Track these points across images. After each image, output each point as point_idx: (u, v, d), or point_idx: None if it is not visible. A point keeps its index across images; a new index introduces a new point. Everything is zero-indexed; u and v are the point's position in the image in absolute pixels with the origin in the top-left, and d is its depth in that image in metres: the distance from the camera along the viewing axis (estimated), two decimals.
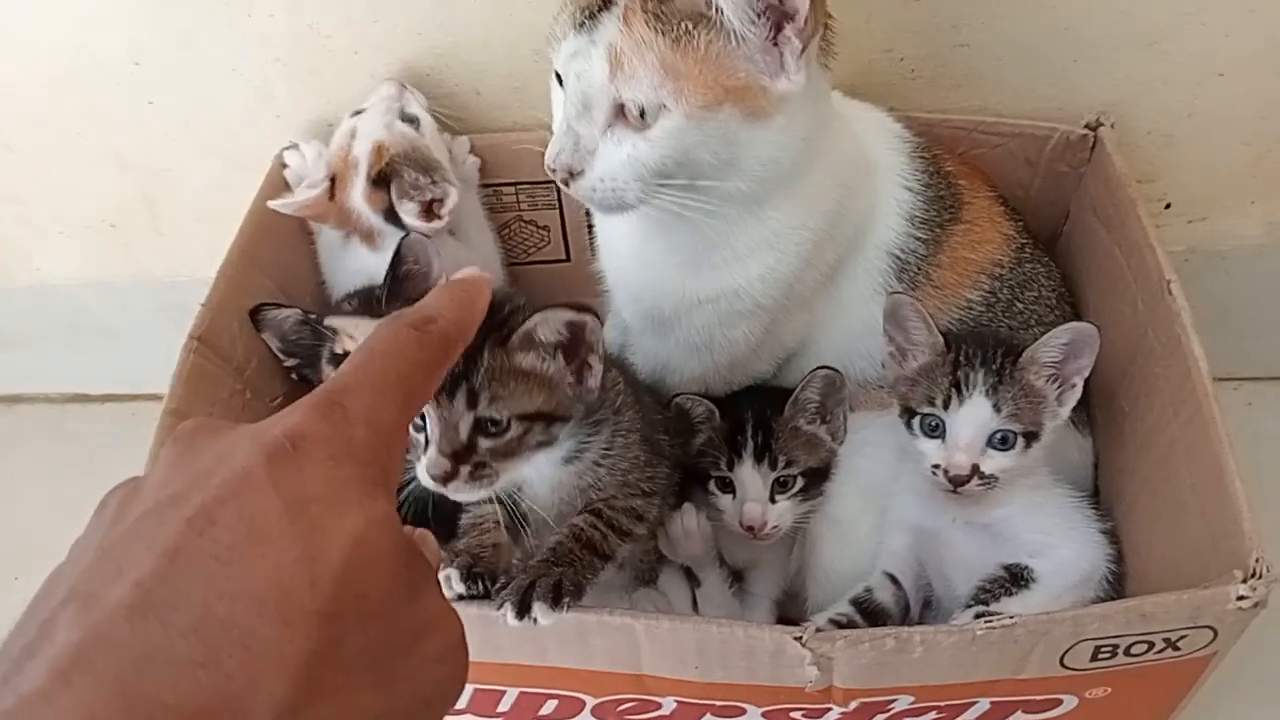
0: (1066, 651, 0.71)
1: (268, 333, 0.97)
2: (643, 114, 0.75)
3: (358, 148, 1.00)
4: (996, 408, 0.83)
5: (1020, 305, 0.95)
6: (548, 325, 0.69)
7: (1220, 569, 0.71)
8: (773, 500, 0.91)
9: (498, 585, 0.72)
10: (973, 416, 0.84)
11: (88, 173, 1.20)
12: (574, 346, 0.71)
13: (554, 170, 0.78)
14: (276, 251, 1.05)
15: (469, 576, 0.73)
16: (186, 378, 0.89)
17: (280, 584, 0.32)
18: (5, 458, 1.39)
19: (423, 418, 0.68)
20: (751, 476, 0.91)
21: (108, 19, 1.06)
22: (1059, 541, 0.87)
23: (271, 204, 1.01)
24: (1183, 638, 0.71)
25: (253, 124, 1.12)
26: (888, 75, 1.04)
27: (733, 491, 0.91)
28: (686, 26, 0.73)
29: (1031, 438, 0.85)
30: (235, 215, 1.01)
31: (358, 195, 1.00)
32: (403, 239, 0.93)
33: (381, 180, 0.99)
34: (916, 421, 0.86)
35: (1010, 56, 1.03)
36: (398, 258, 0.92)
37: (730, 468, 0.91)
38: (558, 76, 0.79)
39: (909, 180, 0.93)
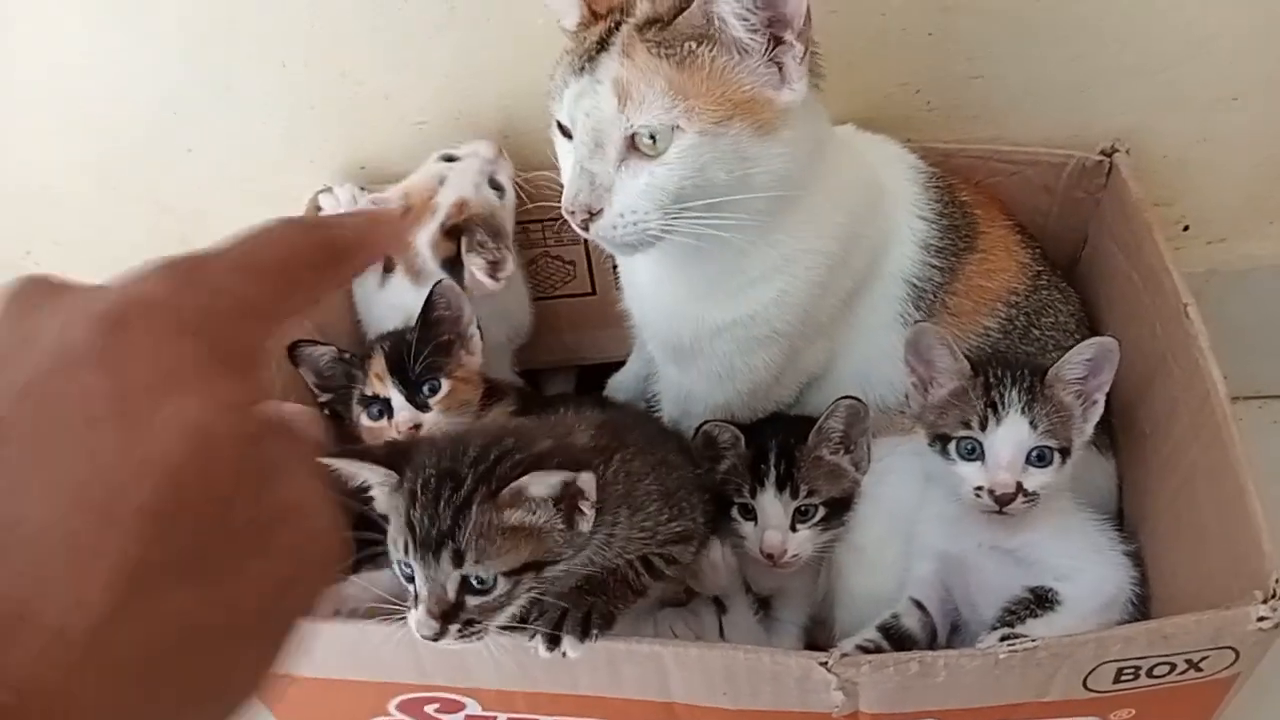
0: (1090, 673, 0.71)
1: (304, 368, 1.00)
2: (654, 140, 0.76)
3: (443, 195, 1.04)
4: (1033, 425, 0.84)
5: (1037, 331, 0.96)
6: (539, 484, 0.69)
7: (1241, 590, 0.72)
8: (793, 529, 0.92)
9: (532, 615, 0.74)
10: (1011, 435, 0.85)
11: (128, 218, 1.23)
12: (566, 497, 0.71)
13: (573, 213, 0.79)
14: None
15: None
16: None
17: (100, 477, 0.27)
18: None
19: (411, 570, 0.69)
20: (773, 504, 0.92)
21: (147, 69, 1.10)
22: (1084, 565, 0.88)
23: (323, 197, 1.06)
24: (1204, 659, 0.71)
25: (286, 168, 1.15)
26: (904, 108, 1.06)
27: (754, 518, 0.92)
28: (690, 46, 0.76)
29: (1065, 454, 0.86)
30: None
31: (425, 236, 1.03)
32: (436, 284, 0.96)
33: (454, 232, 1.02)
34: (953, 447, 0.87)
35: (1024, 87, 1.05)
36: (430, 303, 0.95)
37: (753, 495, 0.92)
38: (560, 128, 0.81)
39: (924, 209, 0.94)
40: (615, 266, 1.03)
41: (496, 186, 1.06)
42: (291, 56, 1.08)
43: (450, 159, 1.07)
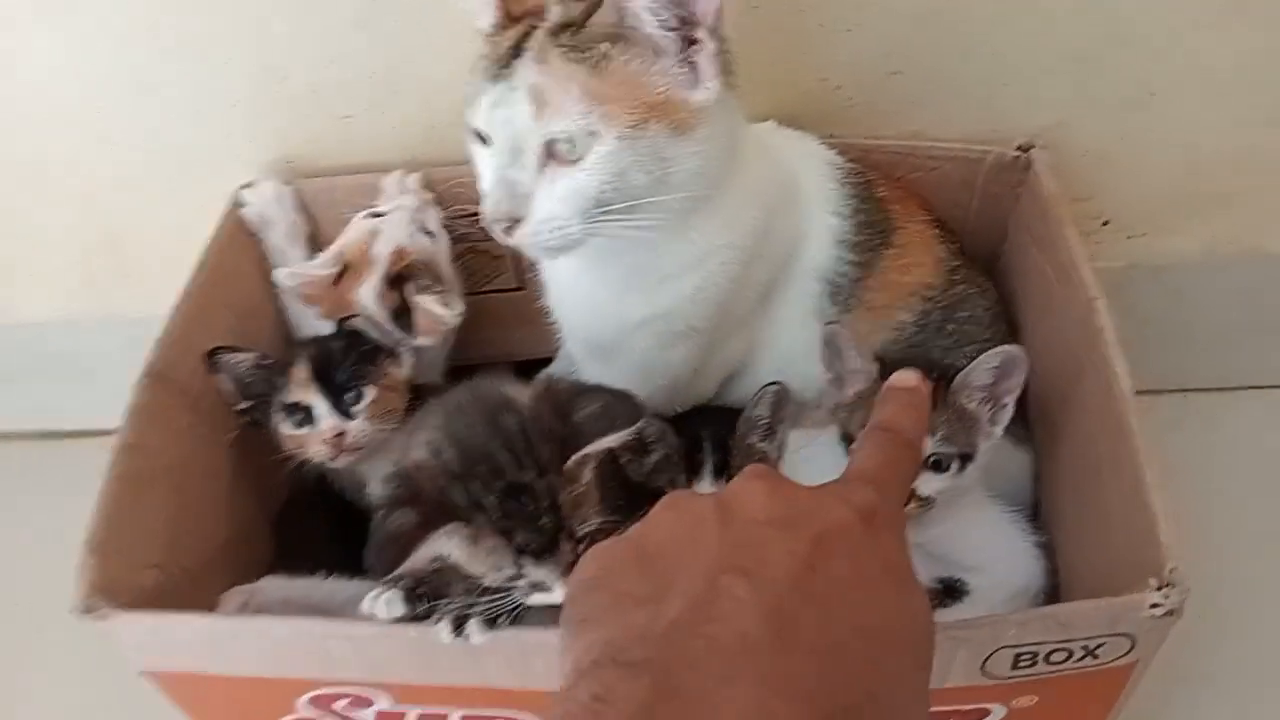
0: (987, 659, 0.72)
1: (223, 375, 0.99)
2: (573, 146, 0.77)
3: (378, 248, 1.03)
4: (930, 432, 0.85)
5: (952, 326, 0.97)
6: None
7: (1140, 579, 0.73)
8: None
9: (439, 607, 0.74)
10: None
11: (53, 214, 1.22)
12: None
13: (496, 221, 0.79)
14: (234, 288, 1.07)
15: (411, 598, 0.76)
16: (141, 413, 0.91)
17: (901, 629, 0.40)
18: None
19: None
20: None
21: (69, 67, 1.09)
22: (994, 557, 0.89)
23: (277, 274, 1.04)
24: (1101, 645, 0.73)
25: (213, 164, 1.14)
26: (825, 104, 1.06)
27: None
28: (603, 50, 0.76)
29: (966, 459, 0.87)
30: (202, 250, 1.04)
31: (369, 290, 1.02)
32: (347, 318, 0.99)
33: (397, 282, 1.02)
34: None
35: (942, 83, 1.06)
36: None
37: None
38: (478, 135, 0.81)
39: (839, 206, 0.95)
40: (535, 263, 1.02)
41: (427, 233, 1.06)
42: (212, 53, 1.07)
43: (377, 214, 1.06)
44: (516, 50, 0.78)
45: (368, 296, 1.02)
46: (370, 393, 0.96)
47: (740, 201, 0.86)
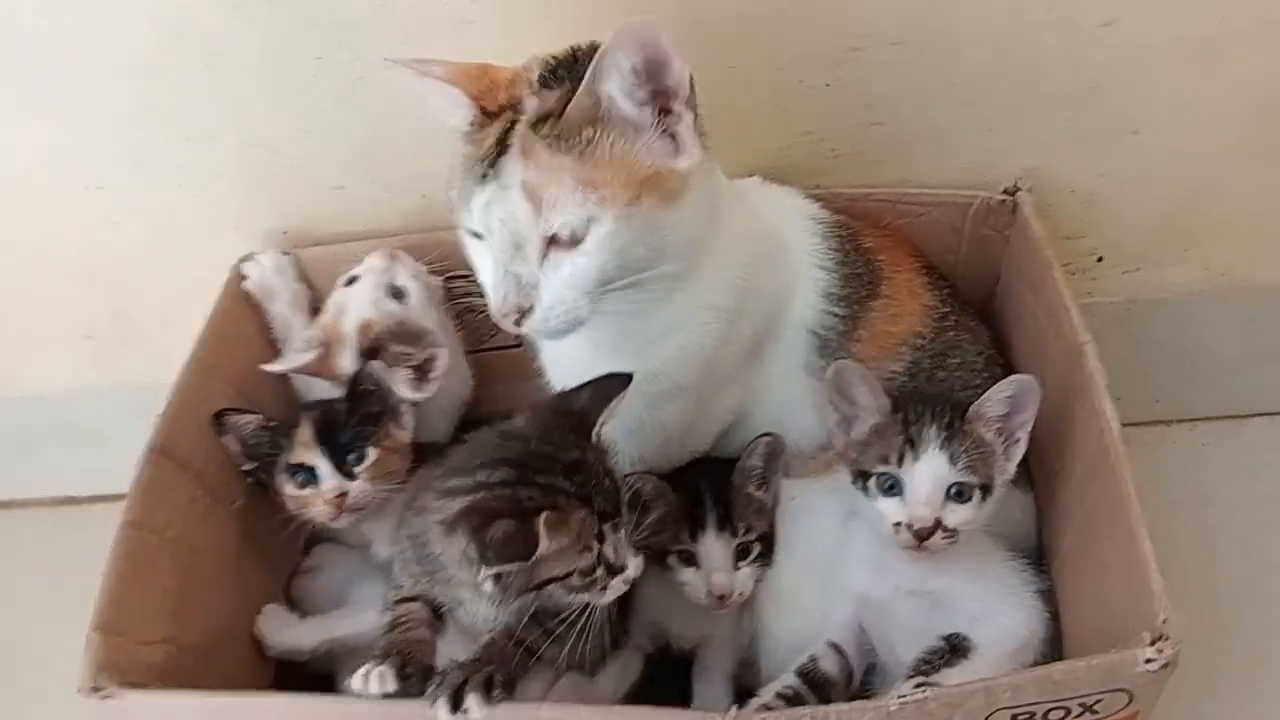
0: None
1: (228, 436, 1.01)
2: (574, 232, 0.78)
3: (347, 324, 1.05)
4: (952, 461, 0.86)
5: (943, 373, 0.98)
6: None
7: (1135, 629, 0.73)
8: (735, 568, 0.93)
9: (430, 682, 0.76)
10: (930, 470, 0.86)
11: (60, 290, 1.25)
12: None
13: (505, 315, 0.80)
14: (236, 358, 1.09)
15: (402, 676, 0.77)
16: (145, 489, 0.93)
17: None
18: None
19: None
20: (715, 546, 0.93)
21: (65, 148, 1.12)
22: (998, 609, 0.89)
23: (266, 367, 1.06)
24: (1099, 701, 0.73)
25: (210, 236, 1.17)
26: (809, 156, 1.08)
27: (694, 564, 0.94)
28: (587, 135, 0.77)
29: (986, 491, 0.87)
30: (202, 323, 1.06)
31: (349, 364, 1.04)
32: (361, 370, 0.99)
33: (372, 354, 1.03)
34: (873, 482, 0.88)
35: (924, 131, 1.07)
36: (356, 382, 0.99)
37: (693, 539, 0.94)
38: (471, 232, 0.82)
39: (824, 259, 0.96)
40: None
41: (396, 293, 1.07)
42: (202, 130, 1.10)
43: (351, 280, 1.08)
44: (501, 146, 0.78)
45: (348, 370, 1.03)
46: (372, 454, 0.97)
47: (720, 262, 0.87)
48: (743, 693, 0.96)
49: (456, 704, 0.73)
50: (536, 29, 0.96)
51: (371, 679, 0.75)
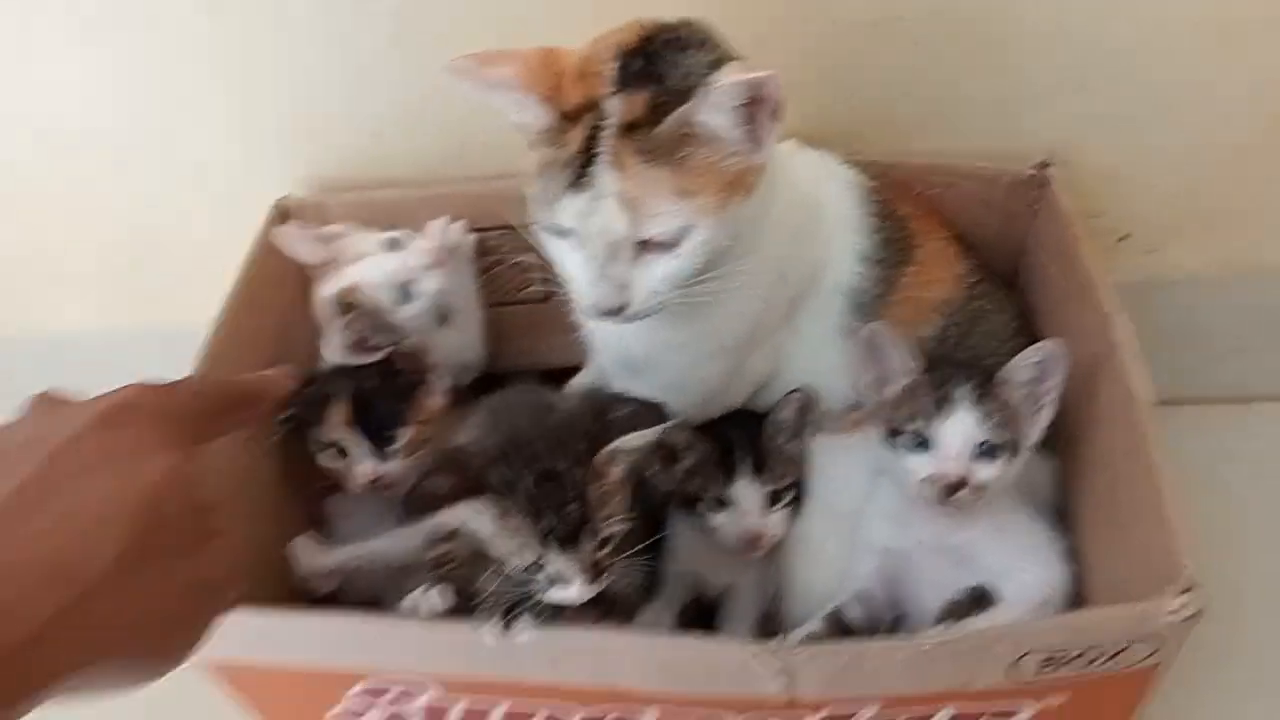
0: (1012, 665, 0.75)
1: None
2: (669, 239, 0.80)
3: (348, 269, 1.07)
4: (981, 419, 0.89)
5: (972, 340, 1.00)
6: (629, 447, 0.81)
7: (1160, 584, 0.75)
8: (767, 512, 0.97)
9: (477, 602, 0.79)
10: (959, 427, 0.89)
11: (92, 228, 1.26)
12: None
13: (601, 315, 0.82)
14: (272, 299, 1.10)
15: (449, 593, 0.79)
16: None
17: (101, 501, 0.45)
18: None
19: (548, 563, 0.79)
20: (749, 491, 0.97)
21: (106, 86, 1.13)
22: (1022, 565, 0.92)
23: (277, 230, 1.08)
24: (1123, 650, 0.75)
25: (247, 177, 1.18)
26: (843, 123, 1.09)
27: (727, 509, 0.97)
28: (681, 150, 0.77)
29: (1013, 450, 0.90)
30: (236, 265, 1.08)
31: (327, 294, 1.06)
32: (398, 349, 1.01)
33: (345, 308, 1.05)
34: (903, 440, 0.91)
35: (955, 103, 1.09)
36: (391, 360, 1.01)
37: (725, 485, 0.97)
38: (552, 230, 0.83)
39: (860, 224, 0.98)
40: None
41: (406, 295, 1.07)
42: (246, 71, 1.11)
43: (394, 241, 1.09)
44: (588, 155, 0.78)
45: (323, 302, 1.06)
46: (406, 434, 0.99)
47: (772, 231, 0.89)
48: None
49: (505, 627, 0.76)
50: None
51: (423, 600, 0.77)
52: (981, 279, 1.04)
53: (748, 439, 0.98)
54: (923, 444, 0.90)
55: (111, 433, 0.48)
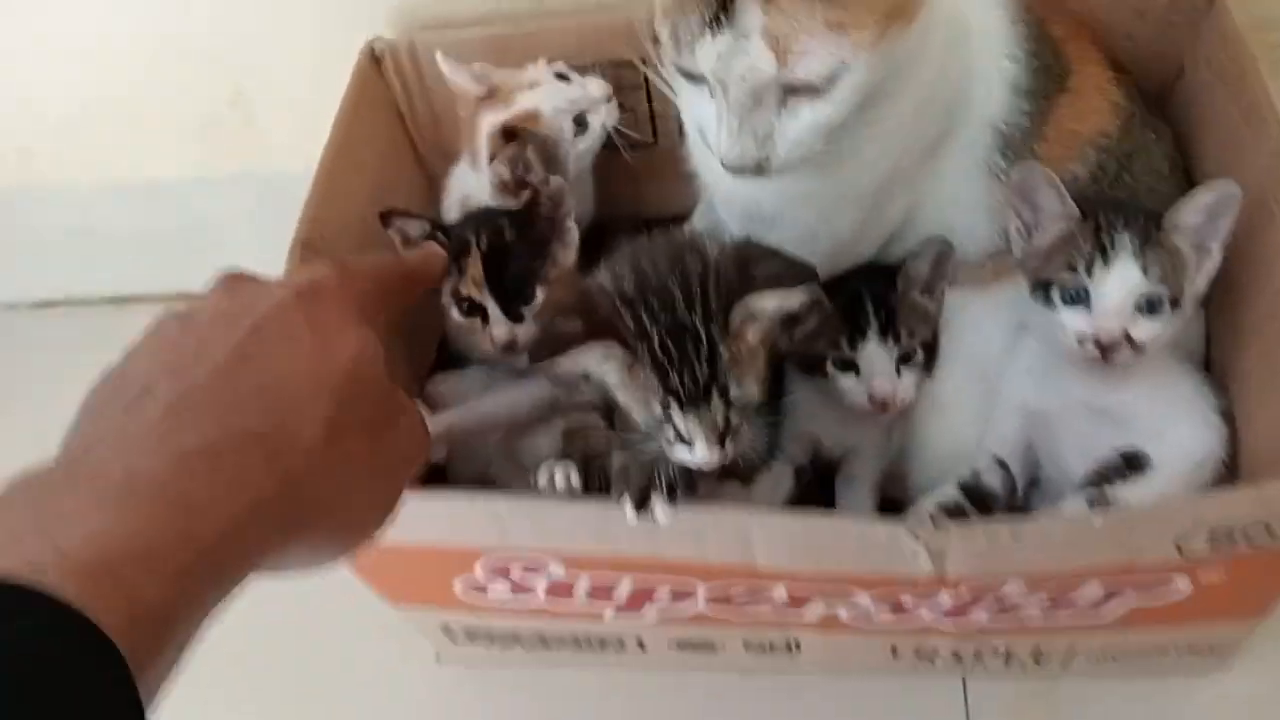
0: (1183, 538, 0.71)
1: (393, 231, 0.95)
2: (820, 81, 0.72)
3: (523, 98, 1.01)
4: (1144, 270, 0.81)
5: (1128, 177, 0.91)
6: (765, 304, 0.75)
7: None
8: (898, 374, 0.90)
9: (614, 481, 0.76)
10: (1121, 280, 0.81)
11: (183, 70, 1.21)
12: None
13: (741, 170, 0.75)
14: (370, 149, 1.05)
15: (584, 471, 0.76)
16: None
17: (309, 372, 0.46)
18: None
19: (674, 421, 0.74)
20: (878, 352, 0.90)
21: None
22: (1177, 425, 0.86)
23: (441, 58, 1.04)
24: None
25: (336, 15, 1.12)
26: None
27: (854, 370, 0.91)
28: None
29: (1176, 304, 0.82)
30: (331, 110, 1.02)
31: (487, 126, 1.01)
32: (545, 187, 0.94)
33: (510, 135, 0.99)
34: (1056, 293, 0.83)
35: None
36: (534, 202, 0.94)
37: (852, 346, 0.90)
38: (686, 73, 0.75)
39: (1012, 48, 0.88)
40: (681, 126, 0.96)
41: (581, 124, 1.02)
42: None
43: (561, 75, 1.03)
44: None
45: (484, 130, 1.01)
46: (541, 294, 0.92)
47: (924, 65, 0.80)
48: (886, 503, 0.95)
49: (642, 505, 0.73)
50: None
51: (557, 475, 0.75)
52: (1138, 108, 0.94)
53: (877, 296, 0.90)
54: (1078, 297, 0.82)
55: (311, 307, 0.48)
